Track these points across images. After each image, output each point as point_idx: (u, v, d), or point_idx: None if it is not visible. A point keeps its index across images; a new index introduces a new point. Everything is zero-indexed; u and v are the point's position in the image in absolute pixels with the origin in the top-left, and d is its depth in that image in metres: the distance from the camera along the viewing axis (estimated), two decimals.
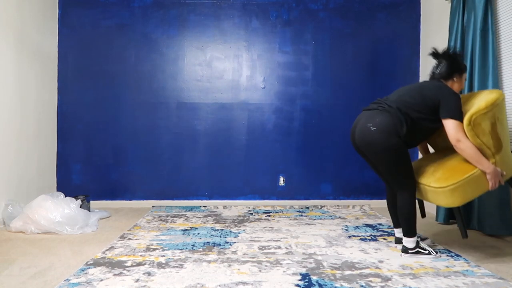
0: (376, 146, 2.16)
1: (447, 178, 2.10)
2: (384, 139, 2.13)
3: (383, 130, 2.14)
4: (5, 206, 3.07)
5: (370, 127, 2.17)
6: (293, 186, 4.10)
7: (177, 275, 1.99)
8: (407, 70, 4.14)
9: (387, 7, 4.13)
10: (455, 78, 2.28)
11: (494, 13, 2.98)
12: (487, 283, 1.91)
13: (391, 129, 2.14)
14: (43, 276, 1.97)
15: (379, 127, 2.15)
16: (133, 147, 4.03)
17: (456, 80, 2.29)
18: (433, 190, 2.17)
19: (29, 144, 3.51)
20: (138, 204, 4.02)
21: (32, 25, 3.53)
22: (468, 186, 2.09)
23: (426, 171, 2.28)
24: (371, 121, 2.19)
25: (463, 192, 2.09)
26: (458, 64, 2.26)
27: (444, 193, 2.11)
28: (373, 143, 2.17)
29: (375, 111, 2.23)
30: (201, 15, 4.07)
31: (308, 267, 2.11)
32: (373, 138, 2.16)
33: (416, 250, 2.28)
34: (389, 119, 2.15)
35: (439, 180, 2.13)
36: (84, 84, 4.00)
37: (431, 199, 2.26)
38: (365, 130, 2.20)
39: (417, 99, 2.18)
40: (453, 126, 2.08)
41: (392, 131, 2.14)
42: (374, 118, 2.19)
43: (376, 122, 2.16)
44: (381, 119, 2.17)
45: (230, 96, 4.08)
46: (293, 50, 4.10)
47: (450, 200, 2.12)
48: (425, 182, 2.23)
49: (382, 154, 2.17)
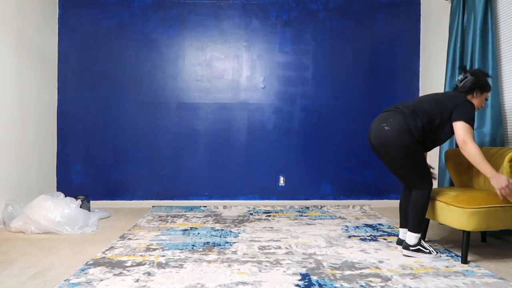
0: (389, 145, 2.21)
1: (471, 202, 2.14)
2: (398, 138, 2.18)
3: (396, 129, 2.19)
4: (5, 206, 3.07)
5: (384, 126, 2.24)
6: (293, 186, 4.10)
7: (177, 275, 1.99)
8: (407, 70, 4.14)
9: (387, 7, 4.13)
10: (476, 94, 2.32)
11: (494, 13, 2.98)
12: (487, 283, 1.91)
13: (404, 128, 2.19)
14: (43, 276, 1.97)
15: (392, 126, 2.21)
16: (133, 147, 4.03)
17: (476, 96, 2.32)
18: (451, 208, 2.20)
19: (29, 144, 3.51)
20: (138, 204, 4.02)
21: (32, 25, 3.53)
22: (488, 216, 2.13)
23: (447, 194, 2.32)
24: (386, 121, 2.25)
25: (480, 219, 2.12)
26: (482, 81, 2.31)
27: (462, 214, 2.13)
28: (387, 142, 2.22)
29: (391, 112, 2.30)
30: (201, 15, 4.07)
31: (308, 267, 2.11)
32: (387, 137, 2.22)
33: (418, 247, 2.28)
34: (402, 119, 2.21)
35: (461, 201, 2.17)
36: (84, 84, 4.00)
37: (442, 218, 2.29)
38: (380, 130, 2.26)
39: (433, 105, 2.24)
40: (462, 128, 2.13)
41: (406, 130, 2.18)
42: (389, 119, 2.25)
43: (390, 122, 2.23)
44: (395, 119, 2.23)
45: (230, 96, 4.08)
46: (293, 50, 4.10)
47: (465, 223, 2.13)
48: (444, 200, 2.28)
49: (395, 152, 2.21)
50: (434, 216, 2.39)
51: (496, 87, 2.82)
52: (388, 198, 4.14)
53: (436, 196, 2.37)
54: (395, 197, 4.15)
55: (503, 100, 2.90)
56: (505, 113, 2.88)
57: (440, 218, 2.32)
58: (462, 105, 2.18)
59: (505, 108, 2.88)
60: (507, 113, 2.86)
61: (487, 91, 2.34)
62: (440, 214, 2.31)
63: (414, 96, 4.15)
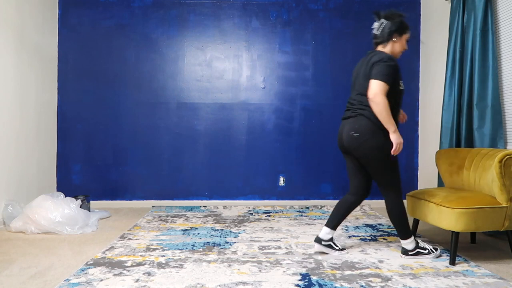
0: (364, 148, 2.20)
1: (460, 203, 2.14)
2: (370, 140, 2.18)
3: (365, 132, 2.19)
4: (5, 206, 3.07)
5: (353, 134, 2.24)
6: (293, 186, 4.10)
7: (177, 275, 1.99)
8: (407, 70, 4.14)
9: (387, 7, 4.13)
10: (395, 38, 2.29)
11: (494, 13, 2.98)
12: (487, 283, 1.91)
13: (371, 128, 2.18)
14: (43, 276, 1.97)
15: (361, 131, 2.21)
16: (133, 147, 4.03)
17: (397, 40, 2.30)
18: (440, 209, 2.21)
19: (29, 144, 3.51)
20: (138, 204, 4.02)
21: (32, 25, 3.53)
22: (478, 216, 2.13)
23: (437, 194, 2.33)
24: (352, 128, 2.25)
25: (470, 220, 2.12)
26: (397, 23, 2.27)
27: (452, 214, 2.14)
28: (361, 147, 2.21)
29: (351, 119, 2.28)
30: (201, 15, 4.07)
31: (308, 267, 2.11)
32: (359, 143, 2.21)
33: (416, 251, 2.28)
34: (365, 120, 2.21)
35: (451, 201, 2.17)
36: (84, 84, 4.00)
37: (432, 218, 2.30)
38: (351, 138, 2.25)
39: (365, 85, 2.24)
40: (376, 84, 2.13)
41: (375, 129, 2.18)
42: (354, 125, 2.24)
43: (356, 129, 2.22)
44: (360, 124, 2.22)
45: (230, 96, 4.08)
46: (293, 50, 4.10)
47: (453, 223, 2.14)
48: (434, 201, 2.28)
49: (370, 154, 2.20)
50: (423, 216, 2.39)
51: (496, 87, 2.82)
52: None
53: (426, 197, 2.38)
54: None
55: (503, 100, 2.90)
56: (505, 113, 2.88)
57: (429, 218, 2.32)
58: (378, 65, 2.16)
59: (505, 108, 2.88)
60: (507, 113, 2.86)
61: (405, 33, 2.31)
62: (429, 215, 2.32)
63: (414, 96, 4.15)
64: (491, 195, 2.25)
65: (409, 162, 4.16)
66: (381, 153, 2.18)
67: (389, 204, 2.27)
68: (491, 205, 2.15)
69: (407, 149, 4.16)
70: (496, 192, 2.18)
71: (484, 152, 2.49)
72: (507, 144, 2.85)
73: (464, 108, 3.05)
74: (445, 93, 3.28)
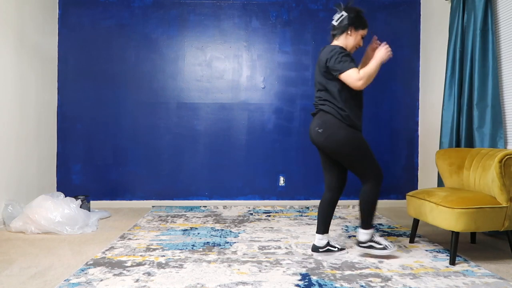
0: (330, 142, 2.20)
1: (460, 203, 2.14)
2: (334, 134, 2.18)
3: (329, 127, 2.19)
4: (5, 206, 3.07)
5: (318, 130, 2.24)
6: (293, 186, 4.10)
7: (177, 275, 1.99)
8: (407, 70, 4.14)
9: (387, 7, 4.13)
10: (350, 31, 2.29)
11: (494, 13, 2.98)
12: (487, 283, 1.91)
13: (333, 122, 2.19)
14: (43, 276, 1.97)
15: (325, 127, 2.21)
16: (133, 147, 4.03)
17: (351, 34, 2.30)
18: (440, 209, 2.20)
19: (29, 144, 3.51)
20: (138, 204, 4.02)
21: (32, 25, 3.53)
22: (478, 216, 2.12)
23: (437, 194, 2.33)
24: (317, 124, 2.25)
25: (470, 220, 2.12)
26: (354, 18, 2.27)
27: (451, 214, 2.13)
28: (327, 141, 2.21)
29: (316, 116, 2.30)
30: (201, 15, 4.07)
31: (308, 267, 2.11)
32: (324, 137, 2.21)
33: (369, 244, 2.27)
34: (327, 115, 2.21)
35: (451, 201, 2.17)
36: (84, 84, 4.00)
37: (431, 218, 2.30)
38: (317, 134, 2.25)
39: (321, 80, 2.24)
40: (348, 76, 2.12)
41: (337, 123, 2.18)
42: (318, 121, 2.25)
43: (320, 124, 2.23)
44: (323, 119, 2.22)
45: (230, 96, 4.08)
46: (293, 50, 4.10)
47: (453, 223, 2.13)
48: (434, 200, 2.28)
49: (338, 148, 2.19)
50: (423, 216, 2.39)
51: (496, 87, 2.82)
52: (388, 198, 4.14)
53: (426, 197, 2.38)
54: (395, 197, 4.15)
55: (503, 100, 2.90)
56: (505, 113, 2.88)
57: (429, 218, 2.32)
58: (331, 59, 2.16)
59: (505, 108, 2.88)
60: (507, 113, 2.86)
61: (362, 29, 2.31)
62: (429, 215, 2.32)
63: (414, 96, 4.15)
64: (491, 195, 2.25)
65: (409, 162, 4.16)
66: (348, 144, 2.17)
67: (366, 191, 2.25)
68: (491, 205, 2.14)
69: (407, 149, 4.16)
70: (496, 192, 2.18)
71: (484, 152, 2.49)
72: (507, 144, 2.85)
73: (464, 108, 3.05)
74: (445, 93, 3.28)
